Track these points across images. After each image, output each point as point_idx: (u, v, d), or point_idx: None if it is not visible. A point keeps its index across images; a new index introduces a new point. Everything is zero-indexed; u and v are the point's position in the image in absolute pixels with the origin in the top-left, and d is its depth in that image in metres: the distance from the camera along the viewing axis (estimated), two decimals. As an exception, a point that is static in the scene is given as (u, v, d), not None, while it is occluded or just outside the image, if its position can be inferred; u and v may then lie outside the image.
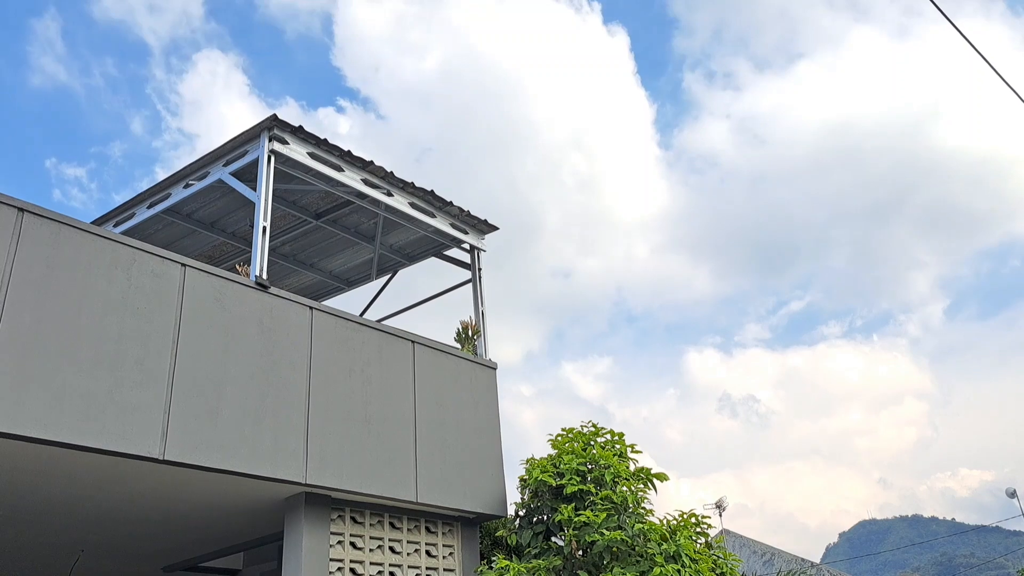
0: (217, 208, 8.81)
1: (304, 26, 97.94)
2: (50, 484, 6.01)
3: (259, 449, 6.07)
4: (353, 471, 6.69)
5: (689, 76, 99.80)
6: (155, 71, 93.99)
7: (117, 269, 5.68)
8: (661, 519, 7.63)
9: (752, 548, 25.99)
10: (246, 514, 7.07)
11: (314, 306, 7.01)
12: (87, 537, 7.65)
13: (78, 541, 7.76)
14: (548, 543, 7.46)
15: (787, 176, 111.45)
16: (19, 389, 4.94)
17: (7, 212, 5.25)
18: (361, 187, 8.03)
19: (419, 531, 7.46)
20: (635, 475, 7.74)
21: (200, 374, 5.91)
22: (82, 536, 7.60)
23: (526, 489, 7.99)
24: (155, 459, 5.46)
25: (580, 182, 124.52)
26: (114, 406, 5.34)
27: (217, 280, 6.32)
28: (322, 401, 6.68)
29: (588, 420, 8.25)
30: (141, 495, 6.42)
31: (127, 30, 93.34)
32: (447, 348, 8.21)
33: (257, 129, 7.27)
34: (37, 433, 4.96)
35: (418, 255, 10.15)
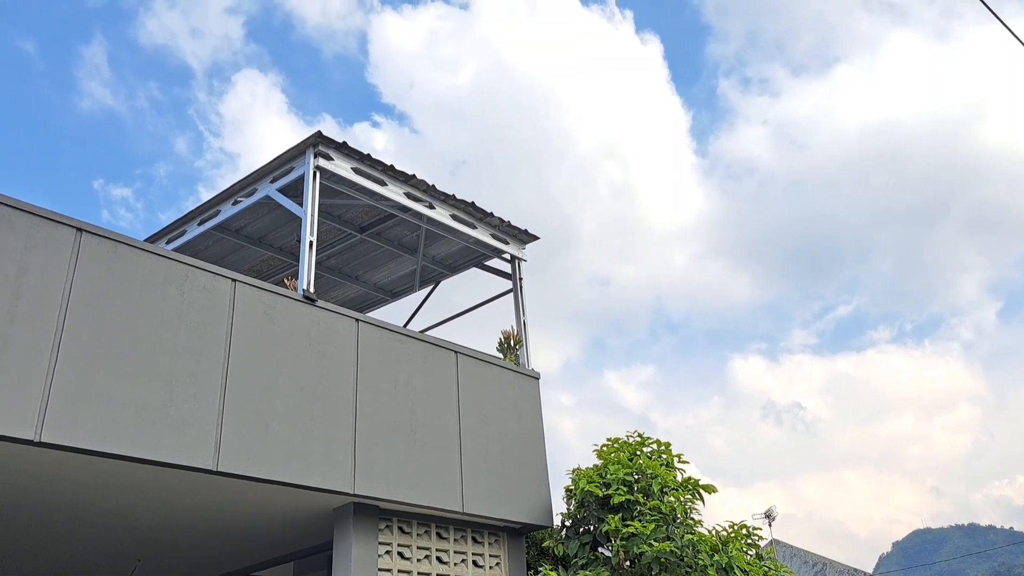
0: (264, 224, 9.00)
1: (340, 45, 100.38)
2: (109, 495, 6.18)
3: (309, 460, 6.17)
4: (400, 481, 6.75)
5: (724, 82, 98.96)
6: (197, 93, 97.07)
7: (171, 285, 5.84)
8: (710, 530, 7.56)
9: (803, 558, 25.50)
10: (296, 524, 7.18)
11: (360, 318, 7.11)
12: (143, 547, 7.84)
13: (135, 551, 7.96)
14: (595, 554, 7.43)
15: (827, 180, 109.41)
16: (78, 403, 5.10)
17: (66, 232, 5.44)
18: (404, 200, 8.13)
19: (466, 541, 7.49)
20: (683, 486, 7.68)
21: (251, 386, 6.03)
22: (138, 546, 7.79)
23: (572, 499, 7.98)
24: (209, 470, 5.58)
25: (615, 191, 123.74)
26: (169, 419, 5.48)
27: (266, 294, 6.45)
28: (369, 412, 6.76)
29: (634, 430, 8.22)
30: (194, 506, 6.56)
31: (170, 54, 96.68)
32: (490, 358, 8.25)
33: (303, 146, 7.41)
34: (96, 446, 5.11)
35: (460, 266, 10.23)
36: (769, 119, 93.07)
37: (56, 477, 5.69)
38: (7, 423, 4.76)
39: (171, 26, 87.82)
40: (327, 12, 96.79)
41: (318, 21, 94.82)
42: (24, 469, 5.48)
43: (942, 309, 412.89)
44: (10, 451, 5.03)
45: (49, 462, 5.32)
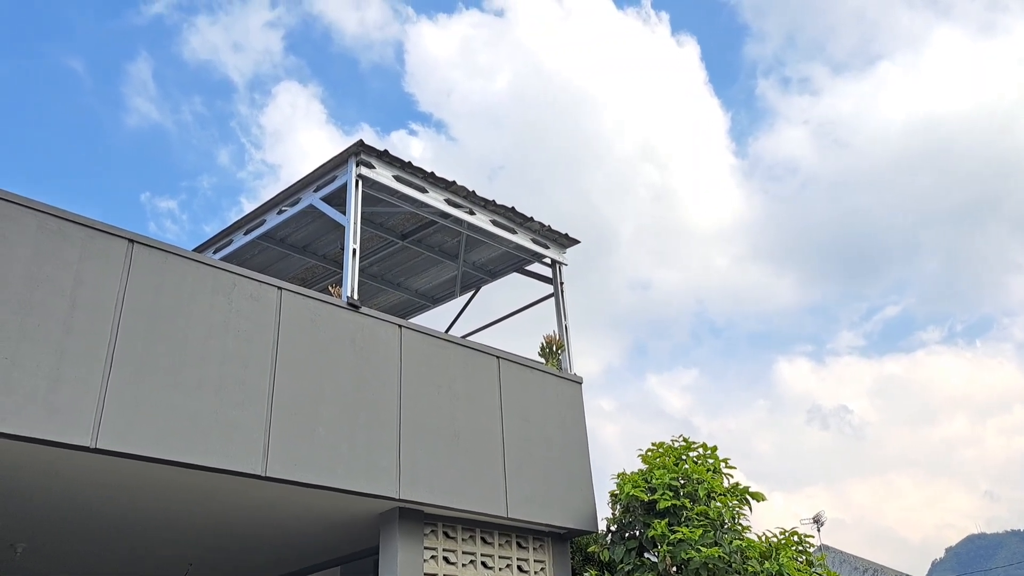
0: (308, 232, 9.13)
1: (378, 55, 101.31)
2: (160, 500, 6.31)
3: (354, 465, 6.23)
4: (444, 486, 6.78)
5: (763, 83, 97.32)
6: (239, 106, 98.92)
7: (219, 294, 5.95)
8: (760, 536, 7.44)
9: (853, 564, 24.97)
10: (342, 529, 7.26)
11: (403, 324, 7.17)
12: (193, 551, 7.99)
13: (186, 555, 8.11)
14: (641, 559, 7.37)
15: (872, 179, 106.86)
16: (132, 410, 5.22)
17: (119, 243, 5.58)
18: (444, 207, 8.19)
19: (510, 546, 7.49)
20: (731, 491, 7.58)
21: (297, 393, 6.12)
22: (189, 550, 7.94)
23: (617, 504, 7.93)
24: (257, 476, 5.67)
25: (654, 193, 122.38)
26: (218, 425, 5.58)
27: (311, 302, 6.54)
28: (412, 417, 6.81)
29: (679, 434, 8.14)
30: (243, 510, 6.67)
31: (213, 69, 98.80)
32: (532, 363, 8.24)
33: (345, 155, 7.51)
34: (148, 452, 5.22)
35: (500, 271, 10.25)
36: (810, 119, 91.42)
37: (110, 483, 5.83)
38: (64, 430, 4.90)
39: (213, 41, 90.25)
40: (364, 23, 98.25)
41: (355, 32, 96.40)
42: (80, 475, 5.63)
43: (993, 309, 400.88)
44: (67, 457, 5.17)
45: (103, 468, 5.45)
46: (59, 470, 5.49)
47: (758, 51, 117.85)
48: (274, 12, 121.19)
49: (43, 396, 4.87)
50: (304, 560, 8.44)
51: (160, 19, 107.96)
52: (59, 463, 5.33)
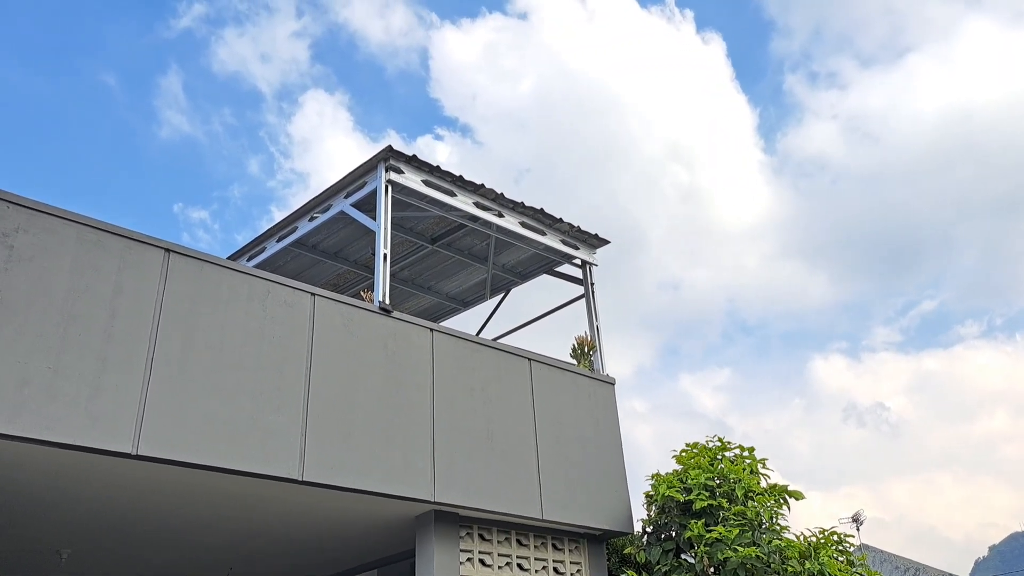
0: (340, 238, 9.21)
1: (403, 62, 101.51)
2: (200, 505, 6.40)
3: (389, 468, 6.27)
4: (479, 489, 6.79)
5: (790, 78, 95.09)
6: (268, 116, 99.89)
7: (254, 301, 6.03)
8: (798, 536, 7.35)
9: (894, 564, 24.55)
10: (378, 532, 7.30)
11: (434, 328, 7.20)
12: (233, 555, 8.09)
13: (226, 559, 8.22)
14: (678, 560, 7.32)
15: (904, 174, 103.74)
16: (171, 417, 5.30)
17: (155, 253, 5.67)
18: (473, 210, 8.21)
19: (546, 548, 7.48)
20: (768, 491, 7.50)
21: (332, 397, 6.17)
22: (229, 554, 8.05)
23: (652, 505, 7.88)
24: (295, 480, 5.73)
25: (682, 193, 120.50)
26: (256, 431, 5.65)
27: (344, 307, 6.59)
28: (446, 420, 6.83)
29: (713, 434, 8.07)
30: (281, 514, 6.74)
31: (242, 80, 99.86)
32: (564, 365, 8.23)
33: (374, 161, 7.56)
34: (188, 458, 5.30)
35: (530, 273, 10.24)
36: (839, 113, 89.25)
37: (151, 488, 5.92)
38: (106, 437, 4.99)
39: (241, 53, 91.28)
40: (389, 30, 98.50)
41: (381, 39, 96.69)
42: (121, 481, 5.73)
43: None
44: (109, 464, 5.26)
45: (144, 474, 5.54)
46: (101, 476, 5.60)
47: (784, 46, 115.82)
48: (300, 22, 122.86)
49: (85, 404, 4.97)
50: (341, 563, 8.51)
51: (190, 33, 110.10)
52: (101, 469, 5.43)
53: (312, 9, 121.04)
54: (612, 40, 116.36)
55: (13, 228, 5.09)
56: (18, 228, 5.11)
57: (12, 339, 4.84)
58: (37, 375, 4.85)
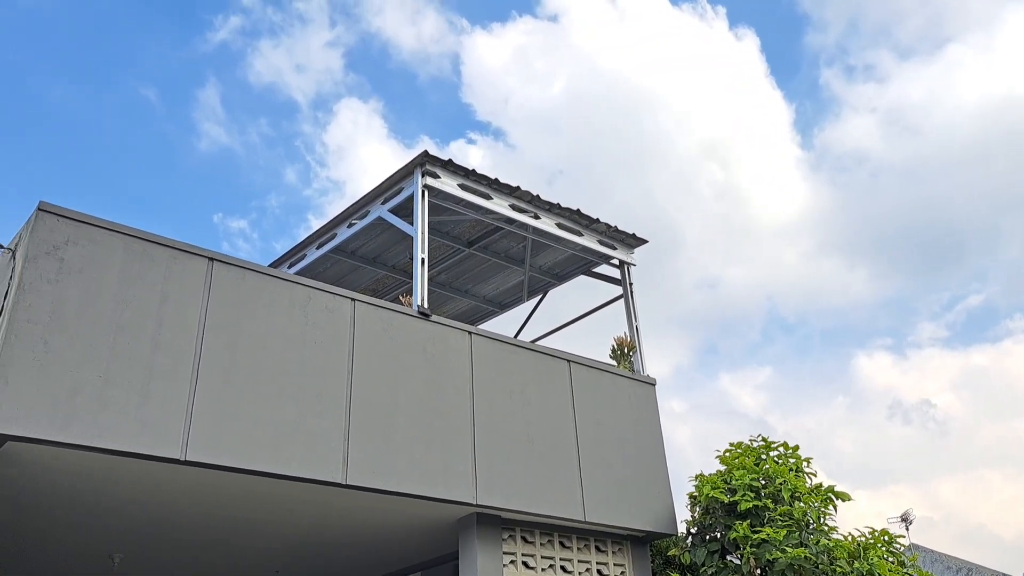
0: (378, 244, 9.30)
1: (435, 68, 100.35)
2: (246, 509, 6.50)
3: (431, 471, 6.30)
4: (520, 491, 6.79)
5: (826, 72, 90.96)
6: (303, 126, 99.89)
7: (295, 307, 6.11)
8: (846, 536, 7.22)
9: (946, 564, 23.98)
10: (421, 535, 7.34)
11: (472, 331, 7.22)
12: (279, 559, 8.20)
13: (272, 563, 8.32)
14: (724, 561, 7.24)
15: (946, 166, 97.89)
16: (217, 423, 5.39)
17: (199, 262, 5.78)
18: (509, 212, 8.22)
19: (589, 550, 7.45)
20: (814, 492, 7.38)
21: (373, 401, 6.22)
22: (274, 558, 8.15)
23: (696, 506, 7.81)
24: (338, 484, 5.78)
25: (718, 190, 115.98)
26: (300, 435, 5.72)
27: (384, 312, 6.65)
28: (486, 423, 6.84)
29: (757, 434, 7.97)
30: (325, 517, 6.81)
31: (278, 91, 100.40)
32: (603, 366, 8.19)
33: (410, 166, 7.62)
34: (234, 463, 5.39)
35: (567, 274, 10.22)
36: (878, 107, 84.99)
37: (198, 493, 6.03)
38: (156, 443, 5.09)
39: (276, 64, 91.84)
40: (421, 37, 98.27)
41: (413, 47, 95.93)
42: (170, 486, 5.84)
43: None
44: (158, 469, 5.37)
45: (192, 479, 5.64)
46: (151, 482, 5.71)
47: (820, 40, 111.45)
48: (333, 32, 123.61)
49: (135, 411, 5.08)
50: (385, 566, 8.57)
51: (226, 45, 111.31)
52: (151, 475, 5.54)
53: (345, 19, 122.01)
54: (644, 39, 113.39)
55: (63, 241, 5.23)
56: (67, 241, 5.25)
57: (64, 349, 4.97)
58: (88, 384, 4.97)
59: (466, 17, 35.98)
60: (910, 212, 38.34)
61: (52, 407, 4.79)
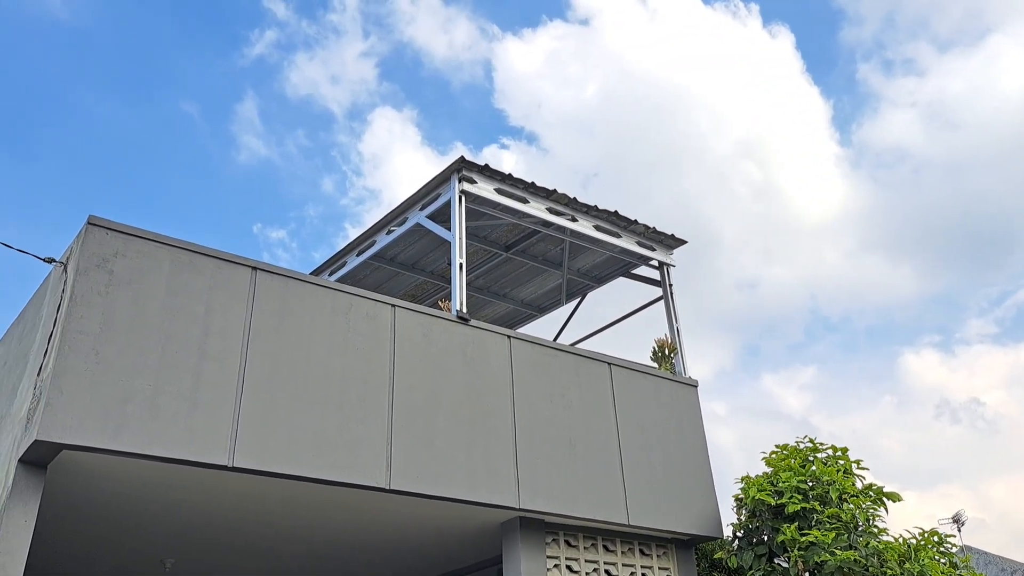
0: (416, 250, 9.37)
1: (468, 75, 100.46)
2: (291, 515, 6.58)
3: (473, 476, 6.32)
4: (563, 494, 6.77)
5: (863, 67, 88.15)
6: (339, 136, 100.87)
7: (337, 314, 6.18)
8: (897, 537, 7.07)
9: (1000, 566, 23.35)
10: (464, 539, 7.36)
11: (511, 335, 7.23)
12: (324, 564, 8.28)
13: (318, 567, 8.42)
14: (772, 565, 7.13)
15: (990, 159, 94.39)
16: (263, 429, 5.48)
17: (243, 271, 5.88)
18: (546, 216, 8.22)
19: (633, 554, 7.40)
20: (863, 493, 7.23)
21: (415, 406, 6.26)
22: (320, 563, 8.24)
23: (742, 509, 7.70)
24: (382, 489, 5.83)
25: (756, 190, 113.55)
26: (343, 441, 5.78)
27: (423, 317, 6.69)
28: (527, 427, 6.84)
29: (804, 435, 7.84)
30: (368, 523, 6.86)
31: (314, 102, 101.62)
32: (644, 368, 8.14)
33: (447, 172, 7.66)
34: (280, 468, 5.46)
35: (606, 276, 10.18)
36: (917, 101, 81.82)
37: (246, 498, 6.12)
38: (204, 450, 5.19)
39: (312, 76, 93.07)
40: (453, 45, 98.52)
41: (445, 55, 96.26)
42: (219, 492, 5.94)
43: None
44: (206, 476, 5.47)
45: (240, 485, 5.73)
46: (200, 488, 5.82)
47: (856, 35, 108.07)
48: (367, 42, 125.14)
49: (184, 419, 5.18)
50: (430, 570, 8.60)
51: (262, 59, 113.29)
52: (200, 481, 5.64)
53: (378, 29, 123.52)
54: (676, 39, 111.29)
55: (112, 253, 5.36)
56: (116, 253, 5.38)
57: (115, 359, 5.09)
58: (139, 393, 5.08)
59: (497, 24, 36.15)
60: (955, 207, 37.48)
61: (104, 416, 4.91)
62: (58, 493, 5.66)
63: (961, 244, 39.13)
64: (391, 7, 34.92)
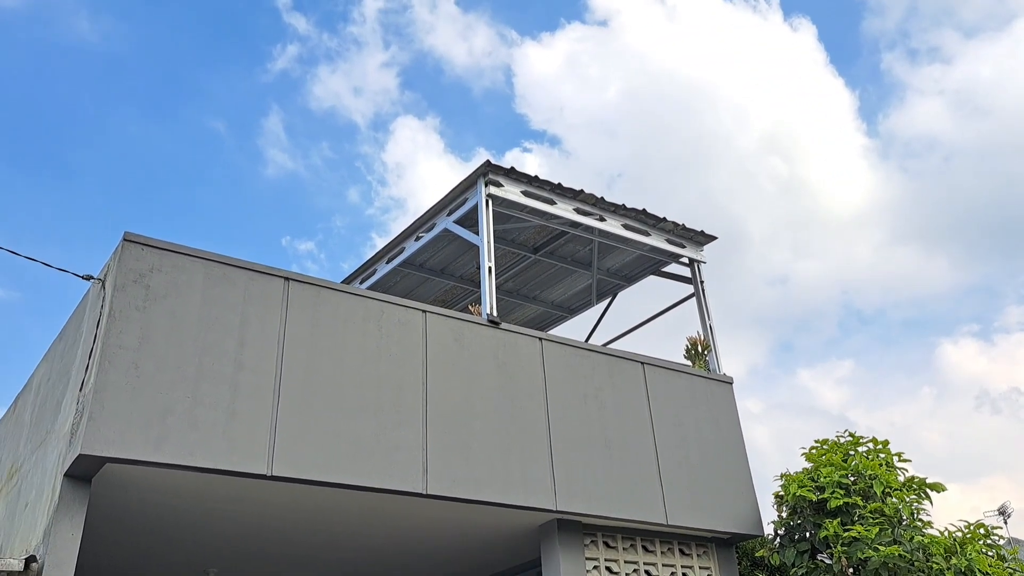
0: (445, 255, 9.40)
1: (488, 81, 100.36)
2: (330, 522, 6.63)
3: (510, 479, 6.31)
4: (600, 496, 6.74)
5: (888, 57, 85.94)
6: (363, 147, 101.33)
7: (369, 322, 6.22)
8: (942, 531, 6.94)
9: (1051, 560, 22.76)
10: (502, 542, 7.35)
11: (543, 337, 7.22)
12: (362, 569, 8.33)
13: (355, 574, 8.46)
14: (815, 562, 7.03)
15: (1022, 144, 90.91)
16: (300, 438, 5.52)
17: (276, 282, 5.95)
18: (574, 216, 8.20)
19: (673, 554, 7.34)
20: (906, 486, 7.11)
21: (449, 411, 6.28)
22: (360, 568, 8.29)
23: (783, 505, 7.61)
24: (419, 494, 5.85)
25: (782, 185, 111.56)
26: (380, 447, 5.81)
27: (454, 322, 6.71)
28: (561, 429, 6.82)
29: (844, 430, 7.73)
30: (406, 528, 6.89)
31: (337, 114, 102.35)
32: (678, 366, 8.08)
33: (473, 177, 7.68)
34: (319, 476, 5.50)
35: (636, 275, 10.13)
36: (945, 88, 79.32)
37: (285, 507, 6.17)
38: (244, 460, 5.25)
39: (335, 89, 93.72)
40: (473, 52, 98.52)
41: (465, 62, 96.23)
42: (258, 501, 6.00)
43: None
44: (246, 485, 5.53)
45: (279, 494, 5.79)
46: (241, 497, 5.88)
47: (879, 25, 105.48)
48: (388, 52, 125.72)
49: (223, 430, 5.25)
50: (468, 573, 8.61)
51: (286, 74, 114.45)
52: (240, 491, 5.70)
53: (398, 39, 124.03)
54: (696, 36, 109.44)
55: (148, 268, 5.45)
56: (152, 268, 5.47)
57: (154, 372, 5.17)
58: (178, 405, 5.16)
59: (515, 29, 36.19)
60: (988, 194, 36.69)
61: (145, 429, 4.99)
62: (103, 505, 5.75)
63: (996, 231, 38.32)
64: (410, 16, 35.16)
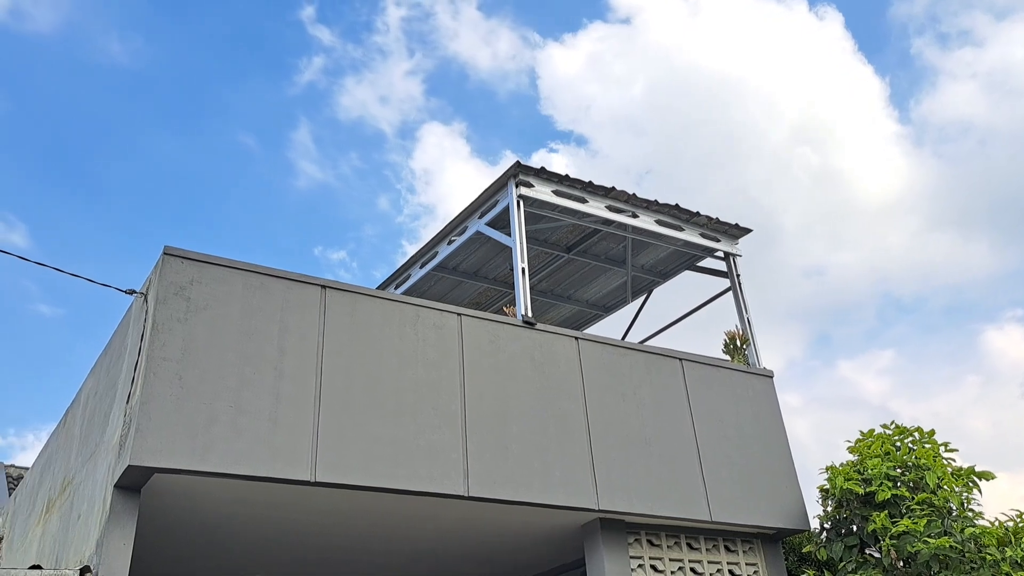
0: (478, 258, 9.43)
1: (513, 84, 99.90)
2: (372, 526, 6.68)
3: (550, 479, 6.31)
4: (642, 494, 6.71)
5: (918, 42, 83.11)
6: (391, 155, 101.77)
7: (405, 326, 6.26)
8: (993, 521, 6.77)
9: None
10: (546, 542, 7.35)
11: (579, 336, 7.20)
12: (406, 569, 8.38)
13: (397, 573, 8.52)
14: (864, 556, 6.91)
15: None
16: (340, 443, 5.58)
17: (313, 290, 6.01)
18: (606, 214, 8.17)
19: (718, 551, 7.27)
20: (954, 475, 6.95)
21: (487, 413, 6.29)
22: (402, 572, 8.34)
23: (829, 499, 7.49)
24: (461, 496, 5.87)
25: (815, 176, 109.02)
26: (420, 450, 5.84)
27: (489, 324, 6.72)
28: (601, 427, 6.80)
29: (890, 421, 7.58)
30: (449, 530, 6.92)
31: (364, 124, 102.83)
32: (716, 361, 8.00)
33: (504, 178, 7.69)
34: (361, 481, 5.55)
35: (671, 271, 10.06)
36: (977, 72, 76.42)
37: (328, 512, 6.24)
38: (287, 467, 5.31)
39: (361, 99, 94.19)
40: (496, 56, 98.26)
41: (489, 66, 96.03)
42: (301, 507, 6.07)
43: None
44: (289, 492, 5.60)
45: (321, 499, 5.85)
46: (283, 504, 5.96)
47: (907, 10, 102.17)
48: (412, 60, 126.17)
49: (266, 437, 5.32)
50: (512, 574, 8.62)
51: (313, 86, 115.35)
52: (283, 497, 5.78)
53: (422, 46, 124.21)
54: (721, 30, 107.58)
55: (188, 281, 5.55)
56: (192, 281, 5.56)
57: (198, 383, 5.26)
58: (222, 414, 5.24)
59: (538, 31, 36.16)
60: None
61: (191, 439, 5.08)
62: (152, 515, 5.87)
63: (1036, 215, 37.28)
64: (433, 24, 35.34)
